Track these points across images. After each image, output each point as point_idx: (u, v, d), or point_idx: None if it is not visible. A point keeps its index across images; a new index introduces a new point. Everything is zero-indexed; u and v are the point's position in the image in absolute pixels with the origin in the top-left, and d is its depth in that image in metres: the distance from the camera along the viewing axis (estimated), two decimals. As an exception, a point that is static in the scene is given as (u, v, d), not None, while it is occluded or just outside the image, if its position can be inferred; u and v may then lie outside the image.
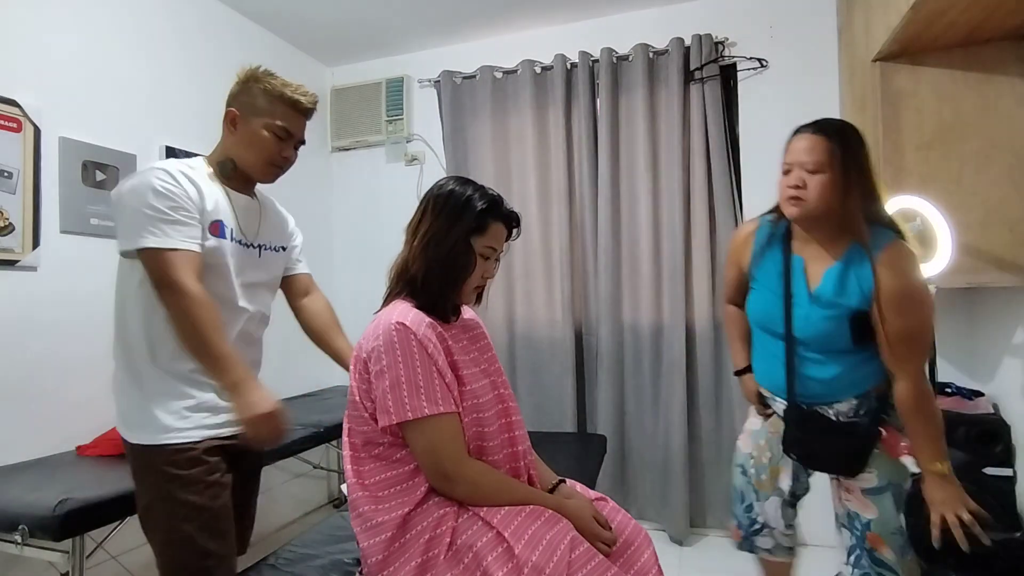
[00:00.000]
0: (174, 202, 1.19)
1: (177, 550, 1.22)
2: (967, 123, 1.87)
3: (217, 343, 1.18)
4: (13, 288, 1.76)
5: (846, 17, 2.35)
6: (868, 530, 1.34)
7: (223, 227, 1.28)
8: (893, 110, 1.95)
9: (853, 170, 1.27)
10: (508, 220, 1.19)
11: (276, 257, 1.46)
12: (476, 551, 0.99)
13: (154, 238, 1.16)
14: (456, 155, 2.95)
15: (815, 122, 1.36)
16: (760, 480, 1.52)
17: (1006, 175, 1.82)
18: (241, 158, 1.33)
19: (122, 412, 1.27)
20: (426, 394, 1.04)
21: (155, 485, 1.22)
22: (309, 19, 2.75)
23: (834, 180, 1.27)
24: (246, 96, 1.31)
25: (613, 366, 2.68)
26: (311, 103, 1.36)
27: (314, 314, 1.54)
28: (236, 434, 1.29)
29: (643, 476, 2.67)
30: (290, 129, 1.33)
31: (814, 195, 1.28)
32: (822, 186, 1.27)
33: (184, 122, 2.32)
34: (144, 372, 1.24)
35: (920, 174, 1.91)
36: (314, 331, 1.53)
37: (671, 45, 2.62)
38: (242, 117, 1.31)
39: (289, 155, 1.36)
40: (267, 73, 1.33)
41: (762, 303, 1.44)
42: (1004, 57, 1.82)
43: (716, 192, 2.57)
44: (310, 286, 1.58)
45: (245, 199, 1.37)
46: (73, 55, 1.95)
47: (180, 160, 1.30)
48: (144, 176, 1.20)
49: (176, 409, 1.23)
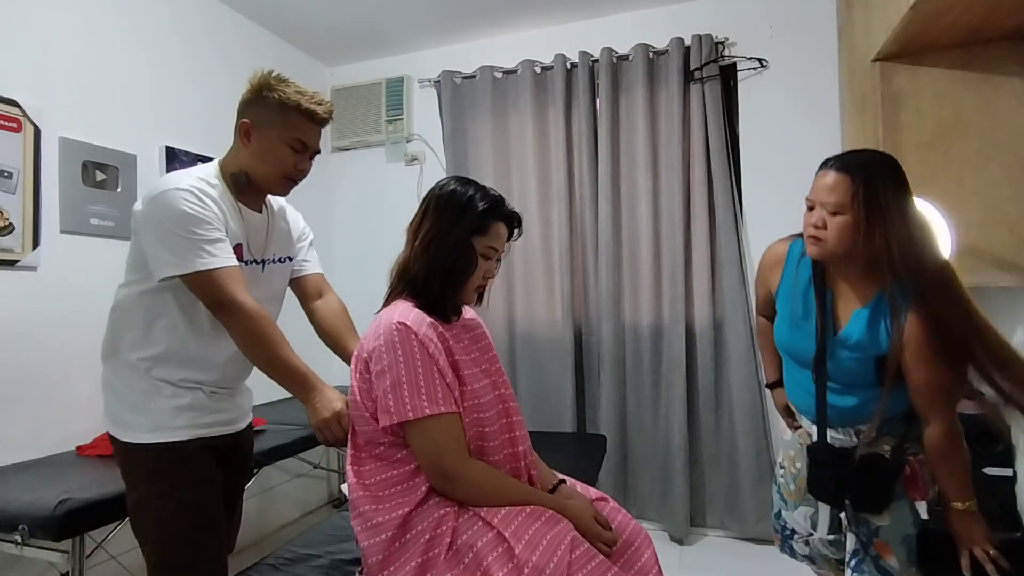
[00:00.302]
0: (209, 223, 1.19)
1: (169, 547, 1.22)
2: (967, 123, 1.87)
3: (284, 359, 1.22)
4: (13, 288, 1.76)
5: (846, 17, 2.35)
6: (876, 536, 1.29)
7: (242, 251, 1.29)
8: (893, 110, 1.95)
9: (876, 212, 1.16)
10: (509, 220, 1.19)
11: (280, 269, 1.44)
12: (476, 551, 0.99)
13: (202, 261, 1.16)
14: (456, 155, 2.95)
15: (841, 156, 1.27)
16: (789, 489, 1.51)
17: (1006, 175, 1.82)
18: (255, 171, 1.29)
19: (112, 411, 1.28)
20: (427, 394, 1.04)
21: (145, 483, 1.23)
22: (309, 19, 2.75)
23: (855, 223, 1.18)
24: (260, 106, 1.26)
25: (613, 366, 2.68)
26: (327, 113, 1.31)
27: (328, 317, 1.50)
28: (226, 433, 1.32)
29: (643, 476, 2.67)
30: (306, 141, 1.29)
31: (833, 237, 1.21)
32: (841, 229, 1.19)
33: (184, 122, 2.32)
34: (135, 375, 1.25)
35: (920, 174, 1.90)
36: (328, 334, 1.49)
37: (671, 45, 2.62)
38: (256, 129, 1.26)
39: (305, 167, 1.33)
40: (280, 80, 1.27)
41: (787, 332, 1.40)
42: (1004, 57, 1.82)
43: (716, 192, 2.57)
44: (323, 287, 1.54)
45: (256, 216, 1.35)
46: (73, 55, 1.95)
47: (197, 174, 1.26)
48: (171, 198, 1.17)
49: (166, 408, 1.24)
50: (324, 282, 1.55)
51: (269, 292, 1.41)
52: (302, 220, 1.54)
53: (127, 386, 1.25)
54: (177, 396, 1.25)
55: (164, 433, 1.22)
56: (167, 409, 1.23)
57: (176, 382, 1.25)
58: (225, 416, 1.33)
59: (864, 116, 2.12)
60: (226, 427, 1.33)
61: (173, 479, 1.22)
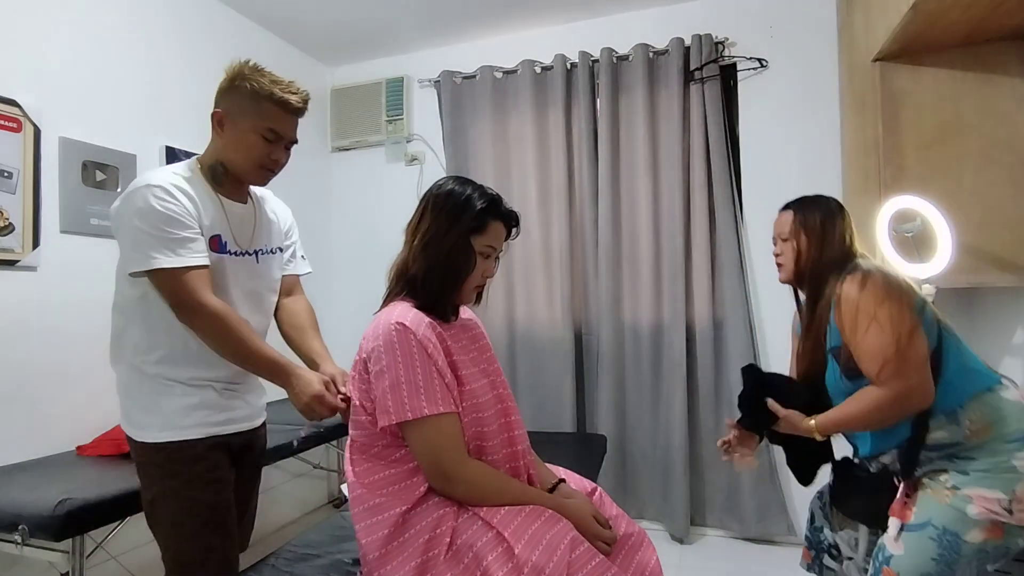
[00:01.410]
0: (178, 220, 1.18)
1: (181, 544, 1.24)
2: (967, 123, 1.87)
3: (255, 350, 1.23)
4: (13, 288, 1.76)
5: (846, 17, 2.35)
6: (887, 565, 1.21)
7: (221, 241, 1.28)
8: (893, 110, 1.95)
9: (813, 235, 1.42)
10: (507, 219, 1.19)
11: (274, 259, 1.43)
12: (476, 551, 0.99)
13: (165, 259, 1.15)
14: (456, 155, 2.95)
15: (792, 200, 1.52)
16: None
17: (1006, 175, 1.82)
18: (230, 161, 1.28)
19: (126, 411, 1.29)
20: (426, 394, 1.04)
21: (159, 481, 1.24)
22: (309, 19, 2.75)
23: (797, 246, 1.44)
24: (233, 95, 1.25)
25: (613, 366, 2.68)
26: (301, 102, 1.28)
27: (291, 313, 1.48)
28: (239, 431, 1.33)
29: (643, 475, 2.67)
30: (279, 131, 1.27)
31: (787, 260, 1.46)
32: (791, 251, 1.45)
33: (184, 122, 2.32)
34: (144, 378, 1.26)
35: (920, 174, 1.91)
36: (289, 329, 1.48)
37: (671, 45, 2.62)
38: (229, 118, 1.25)
39: (279, 157, 1.30)
40: (255, 69, 1.25)
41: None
42: (1004, 57, 1.82)
43: (716, 192, 2.57)
44: (294, 287, 1.53)
45: (239, 207, 1.33)
46: (73, 55, 1.95)
47: (173, 169, 1.26)
48: (141, 195, 1.17)
49: (178, 407, 1.24)
50: (298, 284, 1.54)
51: (268, 282, 1.41)
52: (290, 215, 1.52)
53: (138, 388, 1.26)
54: (187, 395, 1.25)
55: (175, 432, 1.23)
56: (178, 408, 1.24)
57: (186, 381, 1.25)
58: (237, 413, 1.34)
59: (864, 116, 2.12)
60: (238, 424, 1.34)
61: (184, 478, 1.23)
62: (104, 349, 1.32)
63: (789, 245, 1.45)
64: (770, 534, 2.47)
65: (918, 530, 1.20)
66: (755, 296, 2.58)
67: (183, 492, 1.23)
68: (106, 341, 1.31)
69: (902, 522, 1.24)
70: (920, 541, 1.19)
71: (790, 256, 1.45)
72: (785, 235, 1.47)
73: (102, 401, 1.91)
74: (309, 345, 1.44)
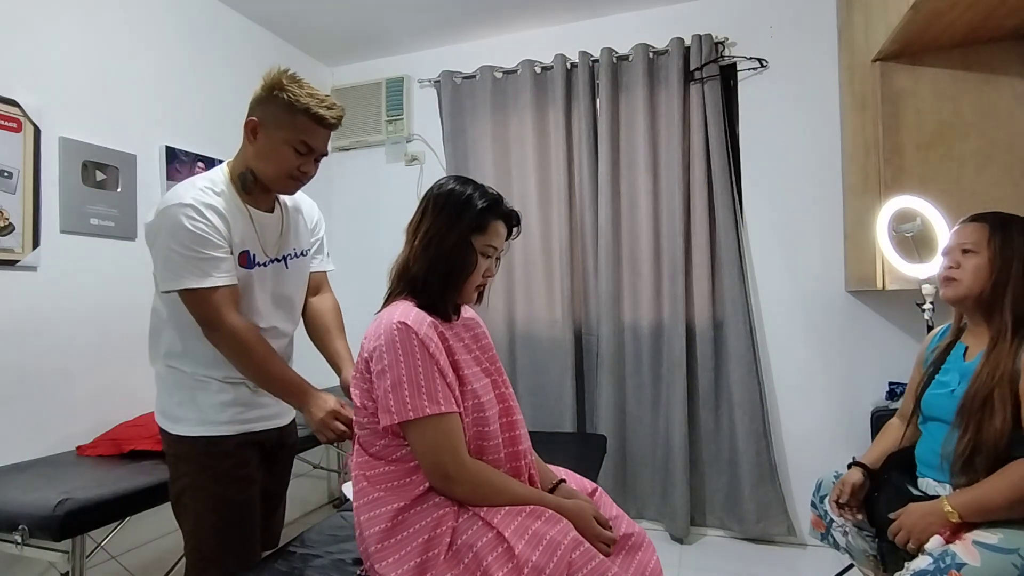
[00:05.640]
0: (208, 239, 1.21)
1: (201, 538, 1.28)
2: (967, 123, 1.87)
3: (275, 372, 1.27)
4: (13, 288, 1.76)
5: (846, 17, 2.35)
6: (957, 570, 1.15)
7: (250, 255, 1.31)
8: (893, 110, 1.95)
9: (1008, 255, 1.27)
10: (508, 219, 1.19)
11: (302, 261, 1.46)
12: (476, 551, 0.99)
13: (194, 279, 1.19)
14: (456, 155, 2.95)
15: (978, 214, 1.38)
16: None
17: (1006, 175, 1.82)
18: (260, 170, 1.29)
19: (162, 405, 1.34)
20: (427, 394, 1.04)
21: (187, 475, 1.29)
22: (309, 19, 2.75)
23: (991, 267, 1.29)
24: (269, 105, 1.24)
25: (613, 366, 2.67)
26: (336, 118, 1.28)
27: (318, 313, 1.52)
28: (269, 428, 1.38)
29: (643, 475, 2.67)
30: (312, 144, 1.27)
31: (968, 276, 1.31)
32: (973, 267, 1.30)
33: (185, 122, 2.32)
34: (182, 376, 1.30)
35: (920, 174, 1.91)
36: (314, 330, 1.52)
37: (671, 45, 2.62)
38: (263, 128, 1.26)
39: (308, 170, 1.31)
40: (293, 80, 1.25)
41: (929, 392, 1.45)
42: (1004, 57, 1.83)
43: (716, 192, 2.56)
44: (321, 284, 1.56)
45: (267, 216, 1.35)
46: (73, 55, 1.95)
47: (204, 183, 1.27)
48: (173, 214, 1.20)
49: (214, 403, 1.29)
50: (325, 280, 1.58)
51: (299, 283, 1.46)
52: (316, 210, 1.54)
53: (176, 384, 1.31)
54: (223, 391, 1.30)
55: (210, 427, 1.28)
56: (214, 404, 1.29)
57: (221, 378, 1.30)
58: (269, 411, 1.38)
59: (864, 116, 2.12)
60: (270, 422, 1.39)
61: (212, 473, 1.28)
62: (104, 349, 1.33)
63: (974, 260, 1.30)
64: (770, 534, 2.47)
65: (1003, 553, 1.17)
66: (755, 296, 2.58)
67: (210, 487, 1.27)
68: (106, 341, 1.32)
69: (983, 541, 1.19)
70: (1003, 563, 1.16)
71: (971, 272, 1.30)
72: (971, 247, 1.31)
73: (102, 401, 1.92)
74: (334, 347, 1.49)
